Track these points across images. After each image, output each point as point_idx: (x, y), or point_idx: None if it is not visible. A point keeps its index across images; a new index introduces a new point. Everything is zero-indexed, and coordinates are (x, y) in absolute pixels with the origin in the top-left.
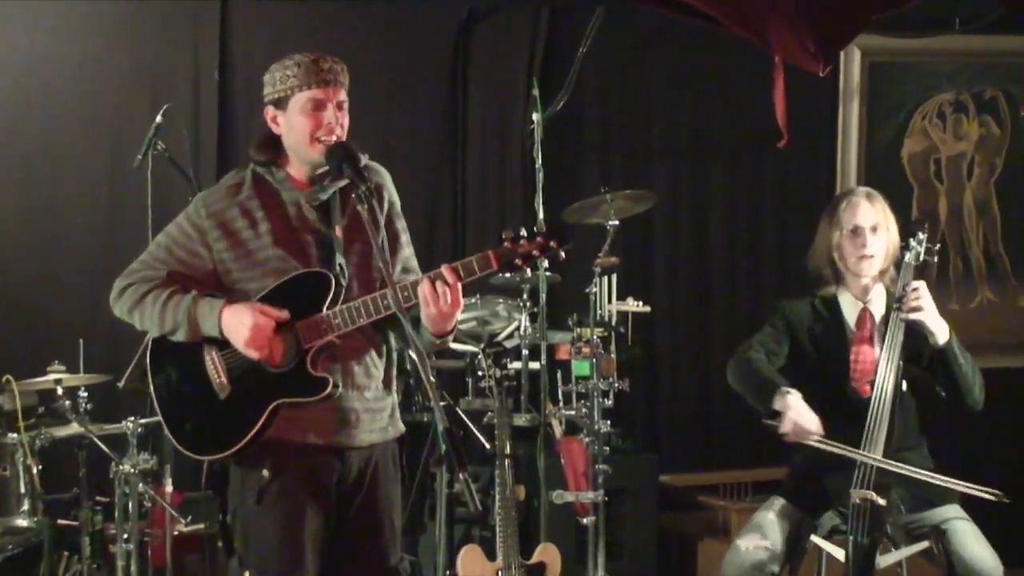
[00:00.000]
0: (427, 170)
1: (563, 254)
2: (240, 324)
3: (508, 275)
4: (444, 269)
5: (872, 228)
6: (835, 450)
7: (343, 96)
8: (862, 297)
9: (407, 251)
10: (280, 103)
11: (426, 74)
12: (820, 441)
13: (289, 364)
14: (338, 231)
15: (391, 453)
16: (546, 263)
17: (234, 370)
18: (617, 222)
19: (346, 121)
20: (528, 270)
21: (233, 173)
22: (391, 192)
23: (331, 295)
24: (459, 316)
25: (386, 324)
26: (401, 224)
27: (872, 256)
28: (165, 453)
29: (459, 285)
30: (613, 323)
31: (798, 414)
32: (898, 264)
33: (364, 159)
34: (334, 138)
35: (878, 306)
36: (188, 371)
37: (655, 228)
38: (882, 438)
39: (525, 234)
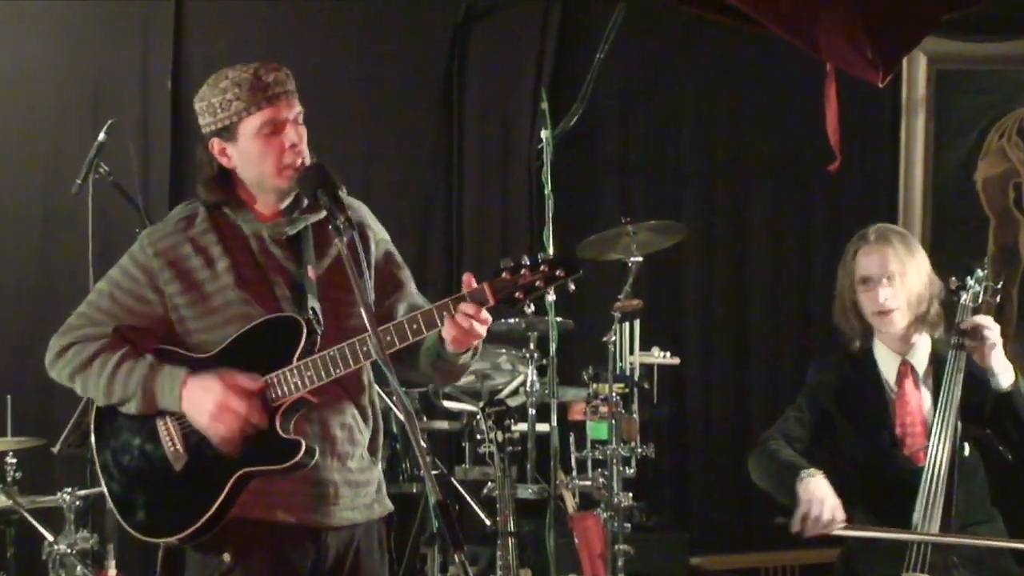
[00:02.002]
0: (415, 197)
1: (572, 285)
2: (206, 402)
3: (512, 320)
4: (467, 282)
5: (886, 277)
6: (863, 534)
7: (297, 107)
8: (901, 350)
9: (409, 287)
10: (226, 133)
11: (415, 83)
12: (845, 529)
13: (255, 426)
14: (311, 272)
15: (376, 534)
16: (556, 316)
17: (191, 436)
18: (640, 258)
19: (304, 133)
20: (532, 309)
21: (183, 206)
22: (375, 228)
23: (303, 343)
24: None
25: (370, 377)
26: (396, 260)
27: (891, 310)
28: (108, 530)
29: (484, 310)
30: (636, 378)
31: (810, 503)
32: (928, 315)
33: (343, 191)
34: (300, 160)
35: (921, 358)
36: (138, 436)
37: (685, 265)
38: (938, 513)
39: (527, 262)
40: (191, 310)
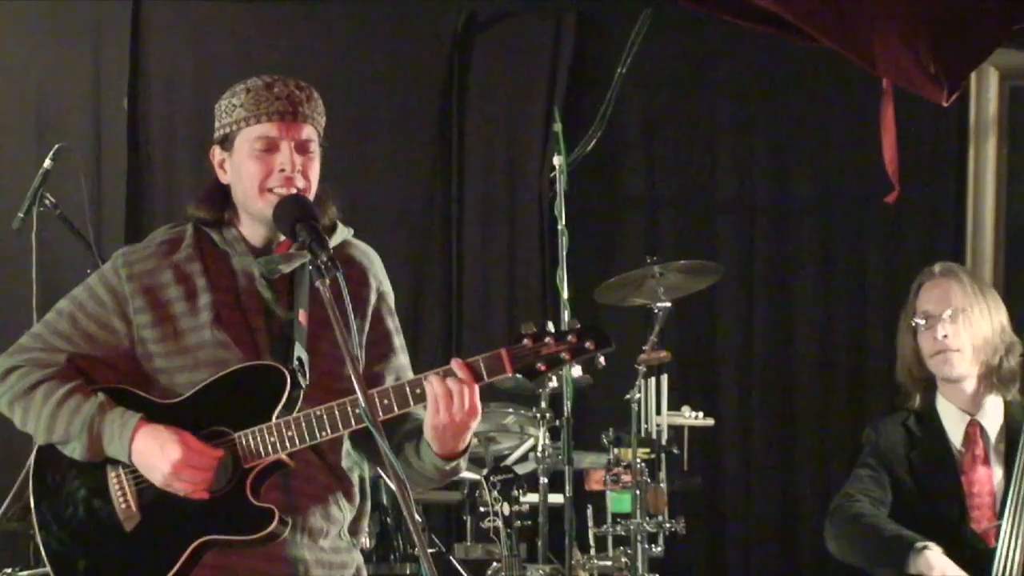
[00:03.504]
0: (409, 231)
1: (602, 360)
2: (158, 455)
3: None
4: (455, 364)
5: (948, 312)
6: None
7: (307, 134)
8: (969, 408)
9: (401, 359)
10: (226, 142)
11: (407, 102)
12: None
13: (222, 488)
14: (302, 317)
15: None
16: (571, 371)
17: (147, 492)
18: (669, 304)
19: (313, 169)
20: (555, 384)
21: (166, 228)
22: (380, 279)
23: (284, 398)
24: (474, 429)
25: (366, 445)
26: (393, 323)
27: (951, 350)
28: None
29: (476, 386)
30: (663, 441)
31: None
32: (999, 370)
33: (344, 232)
34: (293, 190)
35: (992, 422)
36: (85, 487)
37: (721, 312)
38: None
39: (552, 330)
40: (160, 346)
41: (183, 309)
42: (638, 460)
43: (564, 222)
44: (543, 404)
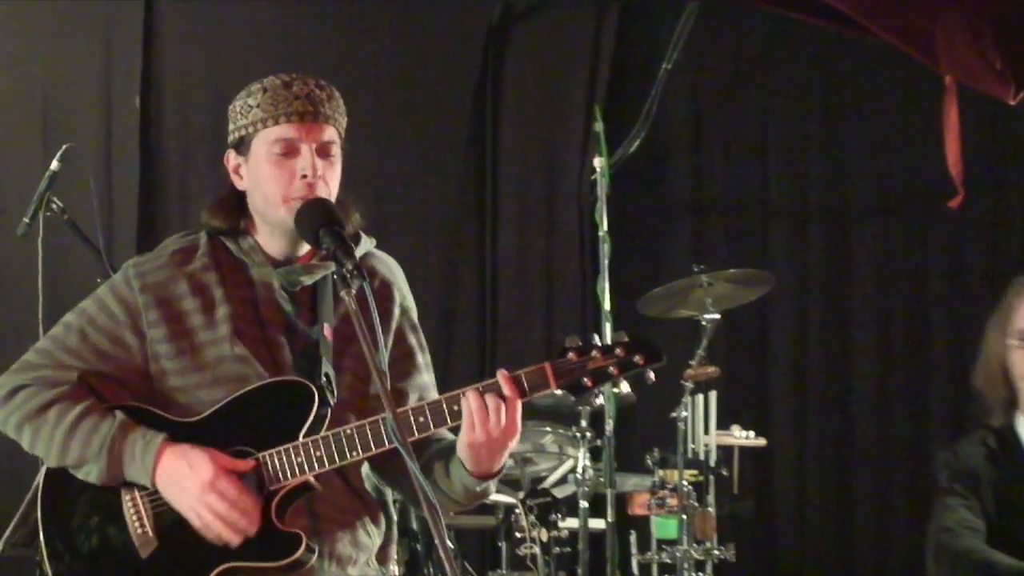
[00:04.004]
0: (440, 239)
1: (652, 375)
2: (187, 475)
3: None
4: (502, 377)
5: None
6: None
7: (329, 136)
8: None
9: (425, 377)
10: (242, 146)
11: (440, 100)
12: None
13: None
14: (327, 331)
15: None
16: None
17: (164, 516)
18: (718, 315)
19: (335, 174)
20: (601, 401)
21: (178, 236)
22: (404, 293)
23: (312, 416)
24: (513, 448)
25: (387, 467)
26: (417, 339)
27: None
28: None
29: (519, 402)
30: (712, 463)
31: None
32: None
33: (367, 243)
34: (314, 195)
35: None
36: (98, 512)
37: (773, 324)
38: None
39: (598, 343)
40: (175, 362)
41: (200, 322)
42: (685, 483)
43: (606, 228)
44: (583, 423)
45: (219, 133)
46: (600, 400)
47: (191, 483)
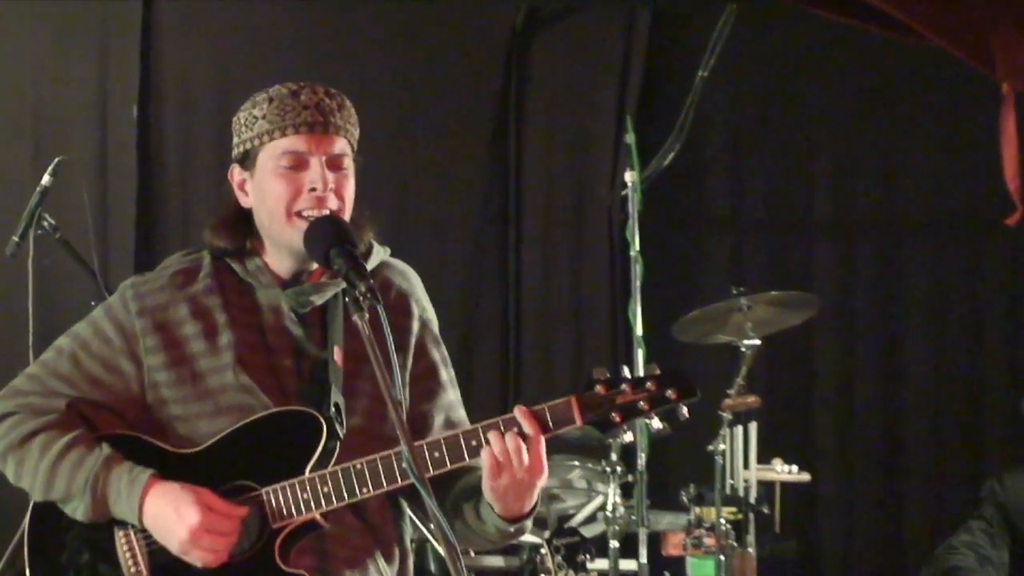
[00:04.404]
0: (461, 257)
1: (685, 411)
2: (174, 519)
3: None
4: (520, 413)
5: None
6: None
7: (340, 148)
8: None
9: (450, 395)
10: (247, 160)
11: (460, 110)
12: None
13: (245, 551)
14: (337, 355)
15: None
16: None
17: (158, 555)
18: (758, 341)
19: (348, 188)
20: (630, 438)
21: (180, 256)
22: (423, 305)
23: (320, 450)
24: (542, 487)
25: (401, 502)
26: (440, 354)
27: None
28: None
29: (543, 439)
30: (752, 499)
31: None
32: None
33: (382, 252)
34: (325, 211)
35: None
36: (88, 549)
37: (818, 350)
38: None
39: (628, 376)
40: (176, 391)
41: (201, 348)
42: (723, 521)
43: (638, 248)
44: (614, 456)
45: (224, 145)
46: (630, 436)
47: (179, 528)
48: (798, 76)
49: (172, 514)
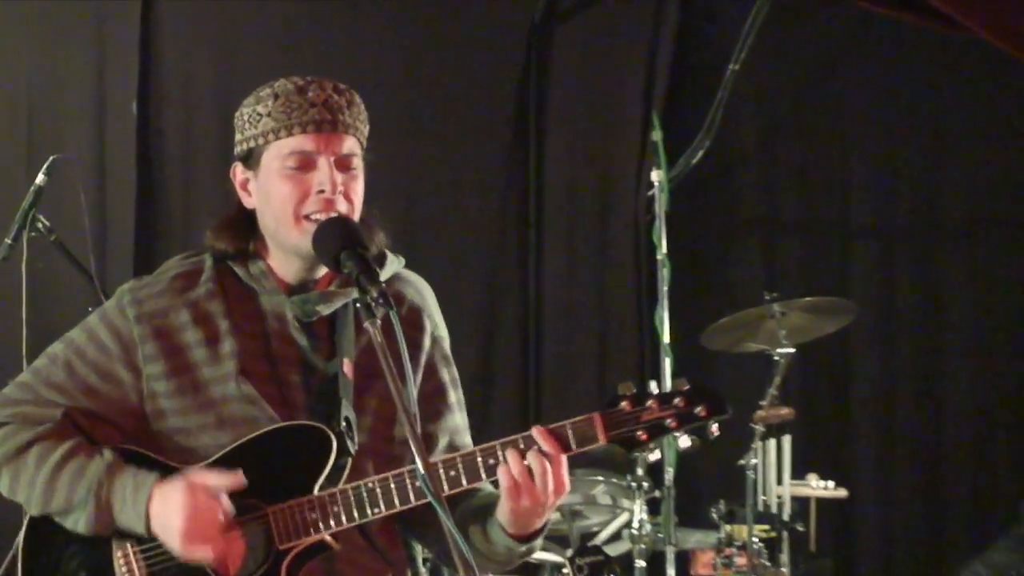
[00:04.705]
0: (479, 261)
1: (715, 428)
2: (173, 510)
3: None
4: (538, 434)
5: None
6: None
7: (349, 148)
8: None
9: (457, 418)
10: (250, 159)
11: (478, 106)
12: None
13: (252, 573)
14: (347, 367)
15: None
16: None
17: (160, 575)
18: (792, 349)
19: (357, 189)
20: (657, 456)
21: (180, 259)
22: (436, 321)
23: (328, 466)
24: (558, 504)
25: (412, 522)
26: (449, 374)
27: None
28: None
29: (564, 460)
30: (786, 517)
31: None
32: None
33: (394, 263)
34: (334, 214)
35: None
36: (85, 568)
37: (855, 359)
38: None
39: (655, 392)
40: (175, 401)
41: (203, 357)
42: (755, 539)
43: (665, 251)
44: (640, 471)
45: (227, 143)
46: (656, 454)
47: (177, 514)
48: (835, 69)
49: (174, 509)
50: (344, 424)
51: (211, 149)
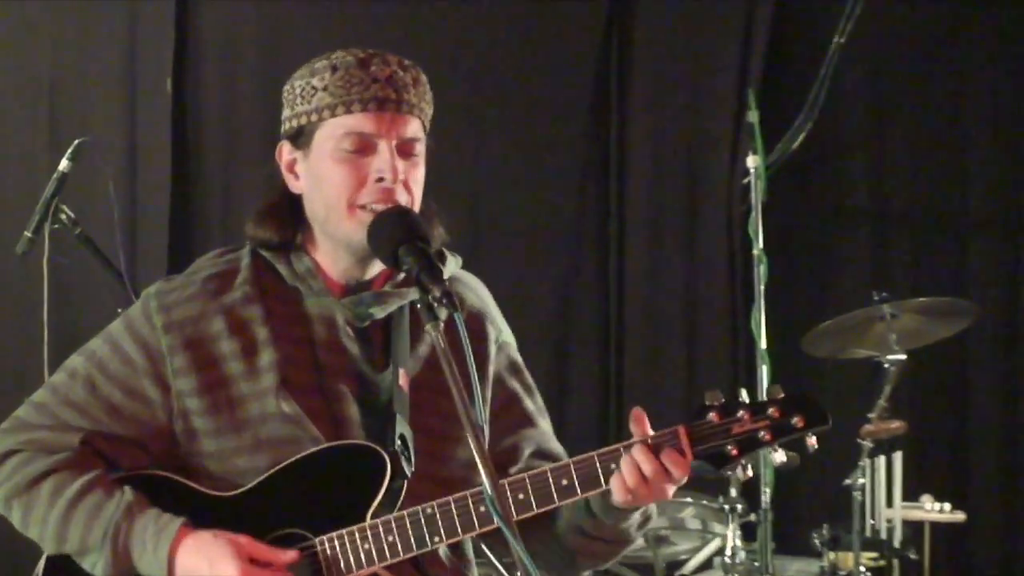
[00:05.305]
0: (554, 257)
1: (814, 441)
2: (209, 572)
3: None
4: (640, 451)
5: None
6: None
7: (413, 131)
8: None
9: (541, 425)
10: (300, 137)
11: (553, 87)
12: None
13: None
14: (403, 379)
15: None
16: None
17: None
18: (904, 356)
19: (418, 178)
20: (751, 474)
21: (213, 256)
22: (499, 326)
23: (382, 490)
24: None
25: (466, 548)
26: (520, 381)
27: None
28: None
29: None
30: (896, 543)
31: None
32: None
33: (452, 263)
34: (391, 205)
35: None
36: None
37: (974, 367)
38: None
39: (746, 401)
40: (209, 421)
41: (240, 370)
42: (862, 568)
43: (761, 245)
44: (733, 492)
45: (274, 126)
46: (749, 471)
47: None
48: (953, 43)
49: (205, 568)
50: (399, 443)
51: (255, 132)
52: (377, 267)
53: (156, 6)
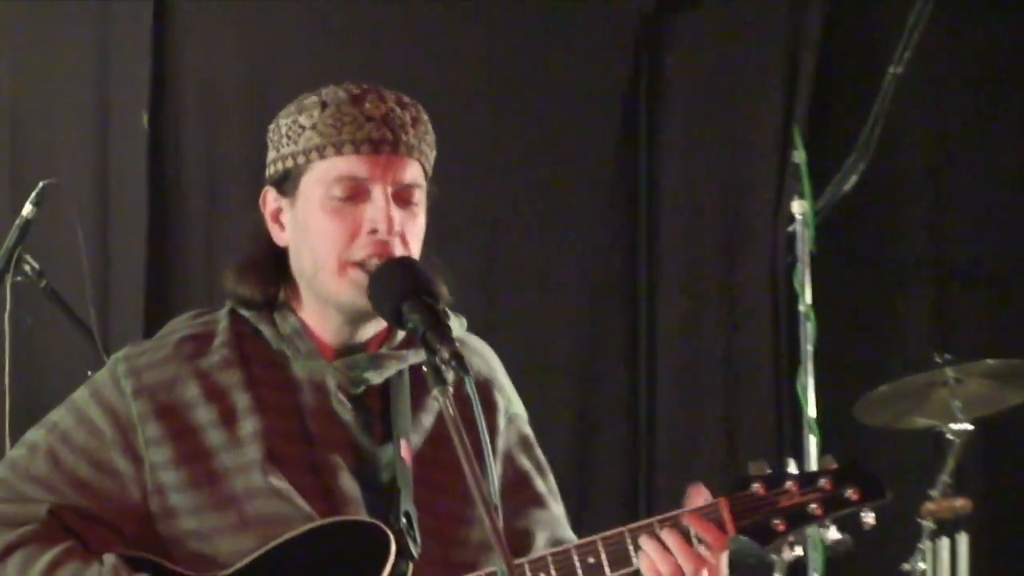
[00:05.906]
0: (577, 311)
1: (871, 517)
2: None
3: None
4: (693, 518)
5: None
6: None
7: (412, 176)
8: None
9: (553, 508)
10: (286, 182)
11: (577, 118)
12: None
13: None
14: (405, 451)
15: None
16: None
17: None
18: (970, 426)
19: (416, 231)
20: (800, 552)
21: (189, 317)
22: (509, 396)
23: (387, 572)
24: None
25: None
26: (531, 458)
27: None
28: None
29: (726, 553)
30: None
31: None
32: None
33: (456, 324)
34: (389, 257)
35: None
36: None
37: None
38: None
39: (794, 472)
40: (187, 497)
41: (220, 440)
42: None
43: (809, 301)
44: (778, 575)
45: (259, 165)
46: (799, 550)
47: None
48: (1022, 73)
49: None
50: (404, 520)
51: (242, 172)
52: (372, 328)
53: (130, 31)
